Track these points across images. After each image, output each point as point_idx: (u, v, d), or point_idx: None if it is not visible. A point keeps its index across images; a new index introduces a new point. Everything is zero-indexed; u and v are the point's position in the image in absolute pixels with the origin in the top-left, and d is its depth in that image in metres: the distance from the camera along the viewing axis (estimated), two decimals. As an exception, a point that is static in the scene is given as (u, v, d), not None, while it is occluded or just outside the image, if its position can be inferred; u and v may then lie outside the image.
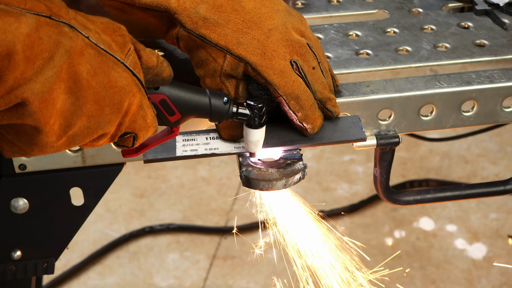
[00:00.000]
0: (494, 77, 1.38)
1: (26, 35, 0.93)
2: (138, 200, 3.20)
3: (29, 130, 0.99)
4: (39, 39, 0.94)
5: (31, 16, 0.94)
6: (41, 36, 0.94)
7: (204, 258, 2.95)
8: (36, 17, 0.94)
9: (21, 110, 0.96)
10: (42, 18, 0.95)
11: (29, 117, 0.96)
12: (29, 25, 0.93)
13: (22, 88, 0.93)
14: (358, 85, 1.36)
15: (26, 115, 0.96)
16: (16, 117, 0.96)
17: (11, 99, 0.94)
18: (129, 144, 1.10)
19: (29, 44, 0.93)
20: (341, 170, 3.33)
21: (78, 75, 0.98)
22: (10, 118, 0.97)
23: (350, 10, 1.63)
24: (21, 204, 1.33)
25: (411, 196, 1.49)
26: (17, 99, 0.94)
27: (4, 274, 1.37)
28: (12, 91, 0.93)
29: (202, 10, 1.20)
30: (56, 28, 0.96)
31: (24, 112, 0.96)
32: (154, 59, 1.10)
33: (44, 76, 0.95)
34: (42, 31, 0.94)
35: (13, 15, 0.92)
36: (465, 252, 2.95)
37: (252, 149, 1.23)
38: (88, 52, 1.00)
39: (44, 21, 0.95)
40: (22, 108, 0.95)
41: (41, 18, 0.95)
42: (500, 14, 1.57)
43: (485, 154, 3.39)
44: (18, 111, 0.96)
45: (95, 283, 2.86)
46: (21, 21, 0.92)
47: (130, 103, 1.05)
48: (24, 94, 0.94)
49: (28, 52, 0.93)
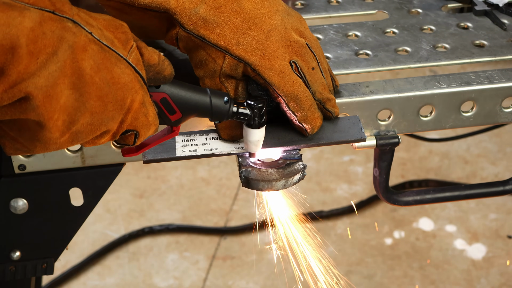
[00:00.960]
0: (494, 77, 1.38)
1: (30, 29, 0.93)
2: (137, 201, 3.20)
3: (32, 126, 0.99)
4: (43, 34, 0.94)
5: (35, 11, 0.94)
6: (44, 31, 0.94)
7: (204, 258, 2.95)
8: (40, 11, 0.94)
9: (24, 105, 0.96)
10: (46, 13, 0.95)
11: (32, 112, 0.96)
12: (33, 20, 0.93)
13: (25, 82, 0.94)
14: (357, 86, 1.36)
15: (29, 110, 0.96)
16: (20, 112, 0.96)
17: (14, 93, 0.94)
18: (130, 142, 1.10)
19: (33, 39, 0.93)
20: (341, 170, 3.33)
21: (82, 71, 0.99)
22: (14, 113, 0.97)
23: (349, 10, 1.63)
24: (21, 204, 1.33)
25: (411, 197, 1.49)
26: (21, 93, 0.94)
27: (4, 274, 1.37)
28: (15, 85, 0.93)
29: (201, 11, 1.20)
30: (60, 23, 0.96)
31: (27, 107, 0.96)
32: (155, 57, 1.10)
33: (48, 71, 0.95)
34: (46, 26, 0.95)
35: (17, 9, 0.92)
36: (465, 252, 2.95)
37: (252, 149, 1.23)
38: (92, 48, 1.00)
39: (48, 16, 0.95)
40: (26, 102, 0.95)
41: (45, 13, 0.95)
42: (500, 15, 1.57)
43: (484, 154, 3.39)
44: (21, 105, 0.96)
45: (95, 284, 2.86)
46: (25, 15, 0.92)
47: (133, 100, 1.05)
48: (27, 88, 0.94)
49: (31, 47, 0.93)
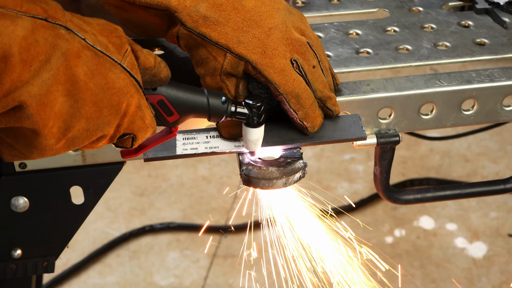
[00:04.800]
0: (495, 76, 1.38)
1: (22, 37, 0.92)
2: (138, 199, 3.20)
3: (28, 133, 0.98)
4: (36, 42, 0.94)
5: (27, 19, 0.93)
6: (37, 39, 0.94)
7: (204, 256, 2.95)
8: (32, 19, 0.94)
9: (18, 113, 0.95)
10: (38, 21, 0.95)
11: (27, 120, 0.96)
12: (25, 28, 0.93)
13: (19, 91, 0.93)
14: (358, 84, 1.36)
15: (24, 118, 0.96)
16: (14, 120, 0.96)
17: (8, 102, 0.93)
18: (128, 145, 1.10)
19: (26, 47, 0.93)
20: (342, 169, 3.33)
21: (76, 77, 0.98)
22: (8, 121, 0.96)
23: (350, 8, 1.63)
24: (21, 202, 1.33)
25: (411, 195, 1.49)
26: (15, 102, 0.94)
27: (5, 272, 1.37)
28: (9, 94, 0.93)
29: (202, 9, 1.20)
30: (53, 31, 0.96)
31: (22, 115, 0.95)
32: (151, 59, 1.10)
33: (41, 79, 0.94)
34: (39, 34, 0.94)
35: (9, 18, 0.91)
36: (465, 251, 2.95)
37: (251, 148, 1.23)
38: (85, 54, 1.00)
39: (40, 23, 0.95)
40: (20, 111, 0.95)
41: (37, 20, 0.95)
42: (501, 13, 1.57)
43: (485, 153, 3.38)
44: (16, 114, 0.95)
45: (95, 282, 2.87)
46: (17, 23, 0.92)
47: (129, 104, 1.05)
48: (21, 97, 0.94)
49: (24, 55, 0.92)
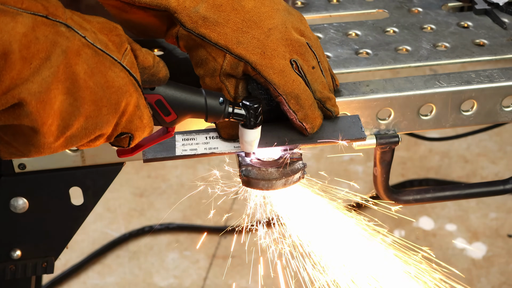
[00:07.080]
0: (494, 76, 1.38)
1: (22, 34, 0.92)
2: (137, 200, 3.20)
3: (26, 131, 0.98)
4: (36, 39, 0.93)
5: (28, 16, 0.93)
6: (37, 36, 0.94)
7: (204, 257, 2.95)
8: (32, 16, 0.94)
9: (18, 111, 0.95)
10: (38, 18, 0.95)
11: (26, 118, 0.96)
12: (26, 25, 0.93)
13: (19, 88, 0.93)
14: (357, 85, 1.36)
15: (23, 116, 0.96)
16: (13, 118, 0.96)
17: (8, 100, 0.93)
18: (124, 145, 1.10)
19: (26, 44, 0.92)
20: (341, 169, 3.33)
21: (76, 75, 0.98)
22: (7, 119, 0.96)
23: (349, 9, 1.63)
24: (21, 203, 1.33)
25: (411, 196, 1.49)
26: (14, 99, 0.94)
27: (4, 273, 1.37)
28: (8, 91, 0.93)
29: (202, 9, 1.20)
30: (53, 28, 0.96)
31: (21, 113, 0.95)
32: (150, 59, 1.10)
33: (41, 76, 0.94)
34: (39, 31, 0.94)
35: (10, 15, 0.91)
36: (465, 251, 2.95)
37: (247, 149, 1.23)
38: (85, 52, 0.99)
39: (40, 20, 0.95)
40: (19, 108, 0.95)
41: (38, 17, 0.94)
42: (500, 14, 1.57)
43: (484, 153, 3.38)
44: (15, 111, 0.95)
45: (95, 283, 2.86)
46: (17, 20, 0.92)
47: (127, 103, 1.05)
48: (21, 95, 0.93)
49: (24, 52, 0.92)
